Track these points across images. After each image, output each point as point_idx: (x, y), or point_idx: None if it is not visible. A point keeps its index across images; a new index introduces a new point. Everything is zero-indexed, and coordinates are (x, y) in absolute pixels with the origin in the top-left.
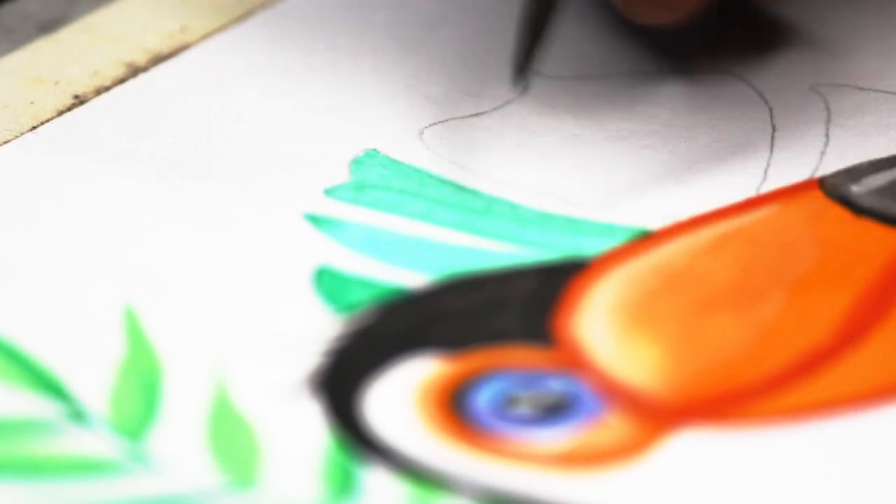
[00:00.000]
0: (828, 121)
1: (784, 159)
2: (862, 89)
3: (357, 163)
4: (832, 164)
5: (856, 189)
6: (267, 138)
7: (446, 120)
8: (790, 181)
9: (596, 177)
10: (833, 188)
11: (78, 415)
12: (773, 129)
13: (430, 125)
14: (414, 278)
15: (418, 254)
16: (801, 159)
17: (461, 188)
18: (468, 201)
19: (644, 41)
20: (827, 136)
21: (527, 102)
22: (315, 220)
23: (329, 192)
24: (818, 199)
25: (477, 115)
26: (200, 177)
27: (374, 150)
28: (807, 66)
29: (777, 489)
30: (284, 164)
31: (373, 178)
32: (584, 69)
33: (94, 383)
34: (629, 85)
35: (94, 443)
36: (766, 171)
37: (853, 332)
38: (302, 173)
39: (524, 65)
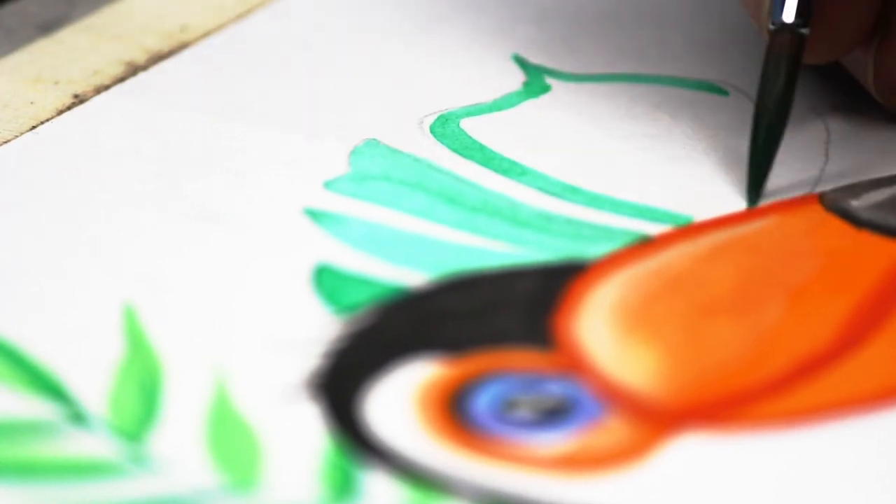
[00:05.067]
0: (827, 140)
1: (783, 173)
2: (863, 113)
3: (357, 153)
4: (831, 181)
5: (855, 203)
6: (267, 136)
7: (446, 110)
8: (789, 194)
9: (593, 177)
10: (832, 202)
11: (77, 416)
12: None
13: (430, 115)
14: (413, 277)
15: (418, 252)
16: (800, 174)
17: (461, 180)
18: (468, 197)
19: (646, 44)
20: (826, 154)
21: (527, 97)
22: (314, 214)
23: (328, 184)
24: (818, 211)
25: (476, 105)
26: (200, 175)
27: (374, 139)
28: (807, 87)
29: (776, 493)
30: (284, 160)
31: (372, 168)
32: (587, 69)
33: (93, 384)
34: (630, 87)
35: (93, 444)
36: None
37: (852, 336)
38: (302, 168)
39: (759, 184)
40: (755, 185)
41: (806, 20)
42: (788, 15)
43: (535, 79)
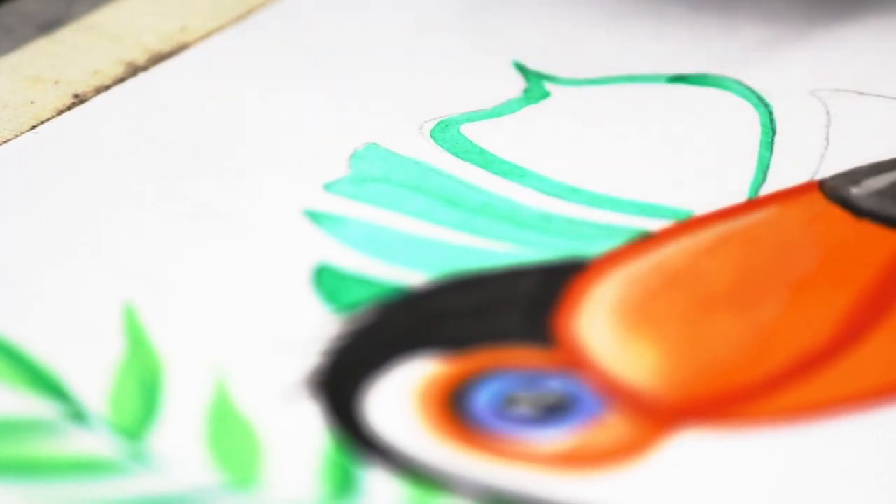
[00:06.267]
0: (828, 125)
1: (784, 162)
2: (862, 94)
3: (357, 156)
4: (832, 166)
5: (855, 191)
6: (267, 136)
7: (446, 116)
8: (790, 183)
9: (595, 176)
10: (833, 190)
11: (78, 415)
12: (773, 133)
13: (430, 120)
14: (414, 277)
15: (418, 252)
16: (800, 162)
17: (461, 182)
18: (468, 199)
19: (646, 42)
20: (827, 139)
21: (527, 103)
22: (315, 216)
23: (329, 186)
24: (818, 200)
25: (477, 111)
26: (200, 175)
27: (375, 143)
28: (807, 71)
29: (776, 488)
30: (285, 161)
31: (372, 171)
32: (585, 69)
33: (93, 383)
34: (629, 85)
35: (93, 443)
36: (766, 173)
37: (853, 331)
38: (302, 169)
39: None
40: None
41: None
42: None
43: (536, 85)
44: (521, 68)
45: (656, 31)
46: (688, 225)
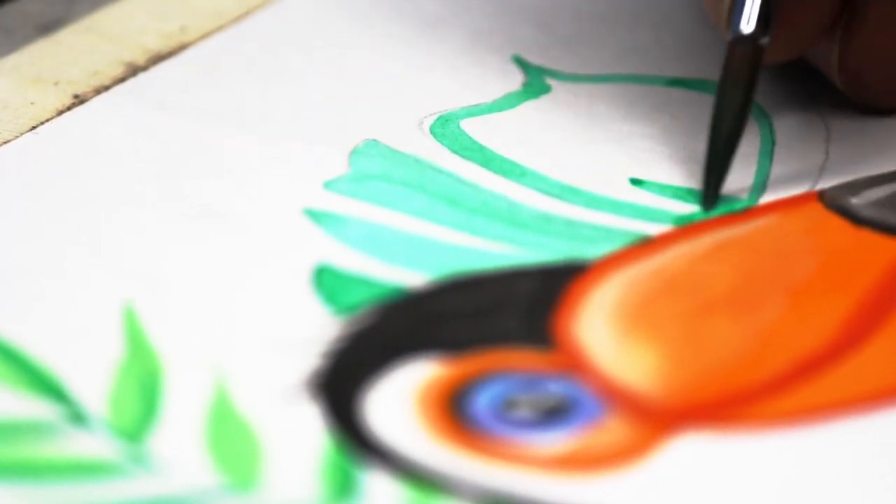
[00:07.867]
0: (827, 139)
1: (783, 172)
2: (863, 111)
3: (357, 153)
4: (831, 179)
5: (855, 201)
6: (266, 136)
7: (446, 111)
8: (789, 193)
9: (593, 178)
10: (832, 200)
11: (77, 416)
12: (773, 143)
13: (430, 115)
14: (414, 278)
15: (418, 253)
16: (800, 173)
17: (461, 181)
18: (468, 198)
19: (646, 45)
20: (826, 153)
21: (527, 97)
22: (314, 215)
23: (328, 184)
24: (817, 210)
25: (476, 106)
26: (200, 175)
27: (374, 140)
28: (807, 84)
29: (776, 492)
30: (285, 160)
31: (372, 168)
32: (586, 69)
33: (93, 384)
34: (630, 87)
35: (93, 445)
36: (765, 182)
37: (853, 335)
38: (302, 169)
39: (715, 191)
40: (711, 193)
41: (766, 29)
42: (748, 25)
43: (535, 79)
44: (521, 62)
45: (657, 36)
46: (687, 230)
